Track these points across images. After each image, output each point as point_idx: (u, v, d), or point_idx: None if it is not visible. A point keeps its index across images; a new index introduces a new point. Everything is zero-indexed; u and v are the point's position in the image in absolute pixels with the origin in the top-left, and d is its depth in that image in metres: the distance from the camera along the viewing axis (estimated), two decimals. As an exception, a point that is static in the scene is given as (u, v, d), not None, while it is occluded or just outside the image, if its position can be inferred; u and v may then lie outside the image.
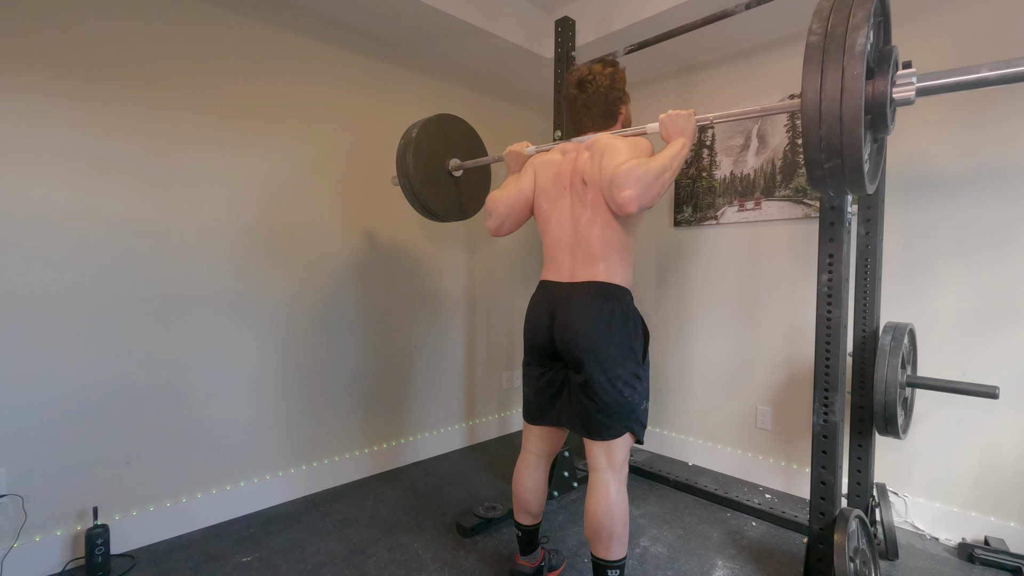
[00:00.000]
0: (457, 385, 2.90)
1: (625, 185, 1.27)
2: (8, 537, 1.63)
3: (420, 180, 1.93)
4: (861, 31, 0.91)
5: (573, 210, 1.47)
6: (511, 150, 1.71)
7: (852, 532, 1.40)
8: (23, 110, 1.62)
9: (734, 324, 2.54)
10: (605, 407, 1.37)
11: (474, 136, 2.13)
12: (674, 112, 1.40)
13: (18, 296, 1.62)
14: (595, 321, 1.37)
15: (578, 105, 1.54)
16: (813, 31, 0.96)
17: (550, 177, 1.53)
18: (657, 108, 2.86)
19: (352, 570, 1.73)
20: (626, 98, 1.57)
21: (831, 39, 0.94)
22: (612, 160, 1.35)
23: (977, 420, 1.89)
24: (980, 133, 1.87)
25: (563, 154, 1.53)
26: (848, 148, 0.94)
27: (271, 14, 2.12)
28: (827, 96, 0.93)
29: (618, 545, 1.39)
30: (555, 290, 1.47)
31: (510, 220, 1.59)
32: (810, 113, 0.96)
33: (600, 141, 1.43)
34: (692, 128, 1.38)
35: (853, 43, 0.91)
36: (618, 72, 1.53)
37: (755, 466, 2.48)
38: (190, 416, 1.96)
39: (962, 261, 1.91)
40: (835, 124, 0.94)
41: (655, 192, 1.28)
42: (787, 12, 2.20)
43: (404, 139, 1.95)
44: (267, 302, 2.14)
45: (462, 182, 2.09)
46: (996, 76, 0.88)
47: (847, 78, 0.91)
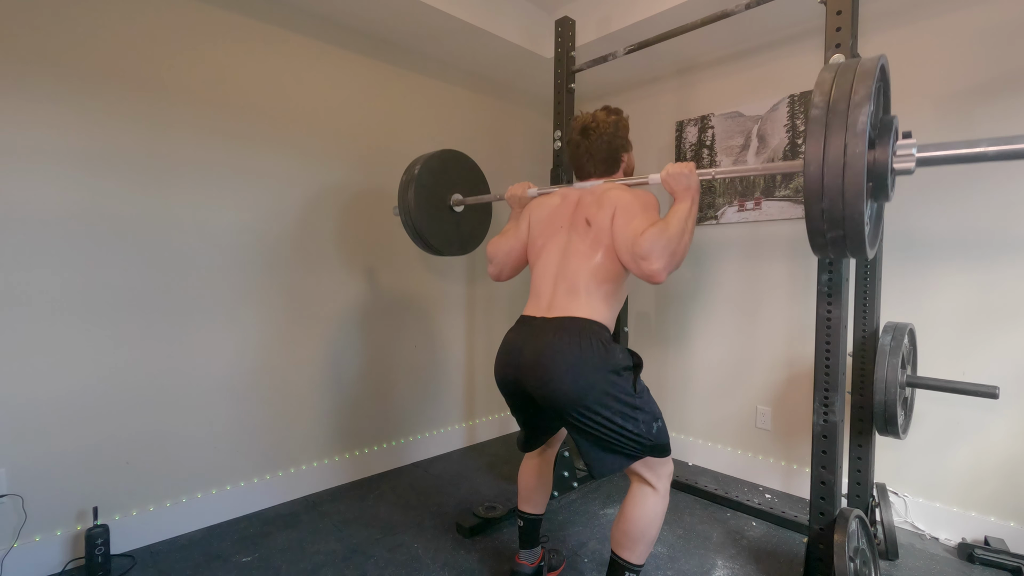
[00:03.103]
0: (457, 385, 2.90)
1: (651, 257, 1.26)
2: (8, 537, 1.63)
3: (421, 216, 1.94)
4: (863, 109, 0.92)
5: (568, 245, 1.44)
6: (512, 193, 1.72)
7: (852, 532, 1.40)
8: (23, 110, 1.62)
9: (734, 324, 2.54)
10: (607, 448, 1.34)
11: (476, 171, 2.15)
12: (675, 170, 1.39)
13: (18, 296, 1.62)
14: (572, 370, 1.27)
15: (581, 151, 1.54)
16: (815, 104, 0.98)
17: (544, 217, 1.54)
18: (657, 108, 2.86)
19: (352, 570, 1.73)
20: (629, 146, 1.58)
21: (833, 114, 0.95)
22: (627, 222, 1.34)
23: (977, 420, 1.89)
24: (979, 133, 1.87)
25: (563, 198, 1.54)
26: (850, 220, 0.96)
27: (271, 14, 2.12)
28: (829, 171, 0.95)
29: (643, 550, 1.40)
30: (529, 328, 1.40)
31: (508, 267, 1.62)
32: (812, 186, 0.98)
33: (608, 193, 1.42)
34: (696, 183, 1.38)
35: (855, 121, 0.92)
36: (621, 120, 1.55)
37: (755, 466, 2.48)
38: (190, 416, 1.96)
39: (962, 261, 1.91)
40: (837, 198, 0.96)
41: (680, 257, 1.29)
42: (787, 12, 2.20)
43: (406, 175, 1.96)
44: (267, 302, 2.14)
45: (463, 217, 2.10)
46: (995, 152, 0.90)
47: (849, 155, 0.93)
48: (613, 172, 1.56)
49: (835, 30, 1.37)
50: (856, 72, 0.97)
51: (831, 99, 0.96)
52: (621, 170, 1.58)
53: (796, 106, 2.31)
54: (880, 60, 1.00)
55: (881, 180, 0.99)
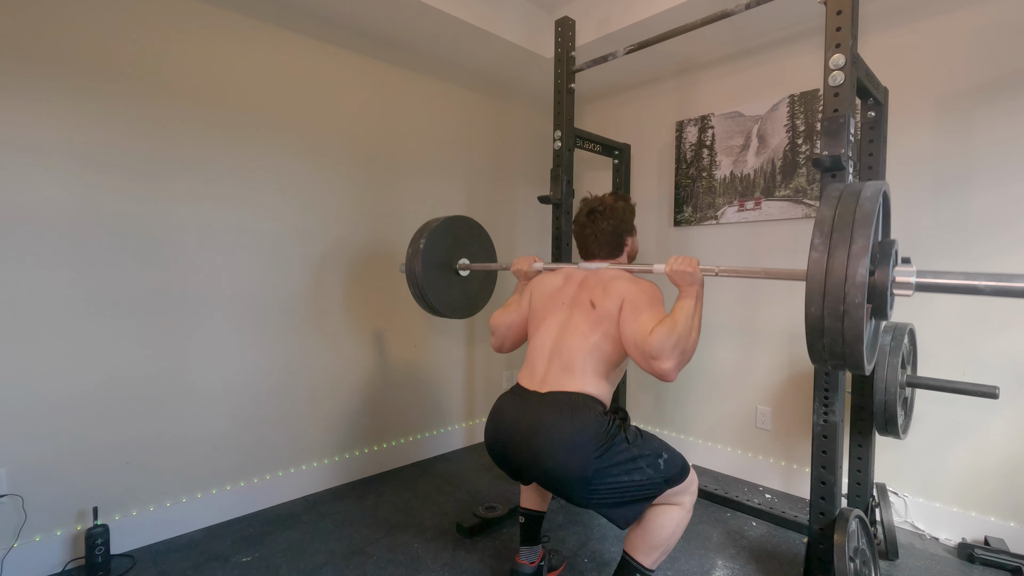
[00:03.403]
0: (457, 385, 2.90)
1: (662, 357, 1.27)
2: (8, 537, 1.63)
3: (427, 283, 1.97)
4: (862, 261, 0.94)
5: (568, 323, 1.45)
6: (519, 267, 1.76)
7: (852, 532, 1.40)
8: (23, 110, 1.62)
9: (734, 324, 2.54)
10: (618, 503, 1.33)
11: (485, 238, 2.19)
12: (679, 266, 1.40)
13: (18, 295, 1.62)
14: (566, 453, 1.27)
15: (587, 232, 1.59)
16: (815, 246, 1.01)
17: (545, 295, 1.56)
18: (657, 108, 2.86)
19: (352, 570, 1.73)
20: (633, 231, 1.64)
21: (832, 259, 0.98)
22: (635, 316, 1.35)
23: (977, 420, 1.89)
24: (979, 132, 1.87)
25: (566, 279, 1.56)
26: (850, 355, 1.01)
27: (271, 13, 2.12)
28: (829, 314, 0.99)
29: (659, 556, 1.41)
30: (523, 402, 1.40)
31: (509, 341, 1.66)
32: (814, 324, 1.02)
33: (615, 282, 1.43)
34: (700, 277, 1.41)
35: (855, 272, 0.95)
36: (628, 207, 1.62)
37: (755, 466, 2.48)
38: (190, 416, 1.96)
39: (962, 261, 1.91)
40: (838, 337, 0.99)
41: (689, 355, 1.31)
42: (787, 12, 2.20)
43: (412, 248, 1.98)
44: (268, 302, 2.14)
45: (468, 280, 2.14)
46: (990, 288, 0.93)
47: (848, 303, 0.96)
48: (617, 255, 1.61)
49: (835, 30, 1.37)
50: (856, 214, 0.98)
51: (831, 243, 0.99)
52: (625, 254, 1.63)
53: (796, 106, 2.31)
54: (880, 194, 1.01)
55: (880, 303, 1.03)
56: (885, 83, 1.79)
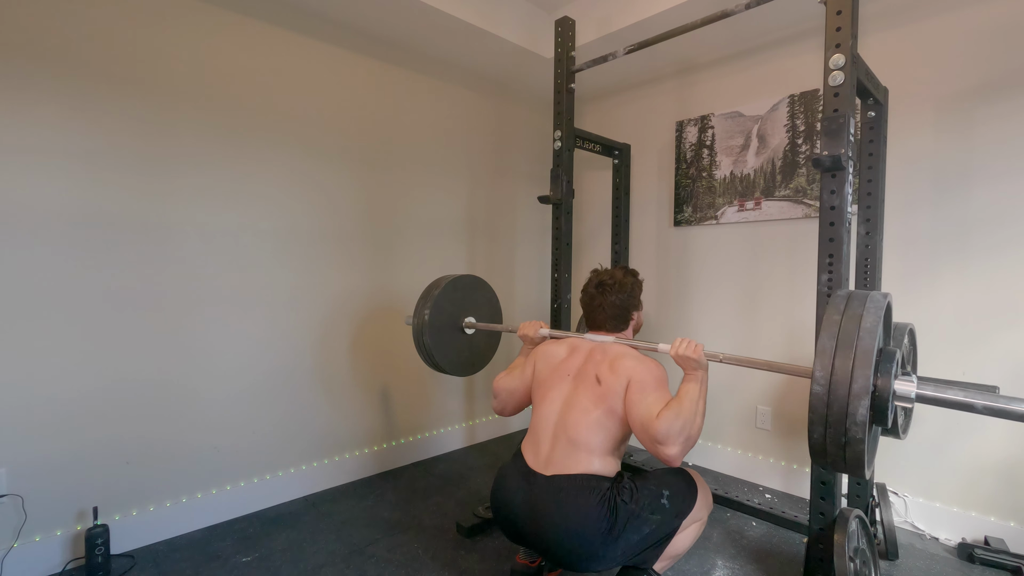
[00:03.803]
0: (457, 385, 2.90)
1: (668, 442, 1.28)
2: (8, 537, 1.63)
3: (432, 336, 1.99)
4: (862, 401, 0.96)
5: (570, 397, 1.46)
6: (524, 332, 1.79)
7: (852, 532, 1.40)
8: (23, 110, 1.62)
9: (734, 324, 2.54)
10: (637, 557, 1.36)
11: (493, 298, 2.23)
12: (684, 351, 1.41)
13: (18, 295, 1.62)
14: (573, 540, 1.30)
15: (595, 304, 1.64)
16: (816, 379, 1.02)
17: (550, 367, 1.58)
18: (657, 108, 2.86)
19: (352, 570, 1.73)
20: (640, 305, 1.71)
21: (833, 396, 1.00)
22: (642, 398, 1.36)
23: (977, 420, 1.89)
24: (979, 132, 1.87)
25: (572, 350, 1.57)
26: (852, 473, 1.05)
27: (271, 13, 2.12)
28: (832, 442, 1.02)
29: (666, 564, 1.43)
30: (530, 485, 1.40)
31: (511, 406, 1.68)
32: (817, 450, 1.06)
33: (622, 360, 1.45)
34: (705, 363, 1.43)
35: (855, 410, 0.97)
36: (637, 282, 1.68)
37: (755, 466, 2.48)
38: (190, 416, 1.96)
39: (962, 260, 1.91)
40: (839, 461, 1.04)
41: (694, 440, 1.32)
42: (787, 12, 2.20)
43: (417, 318, 2.00)
44: (267, 302, 2.14)
45: (473, 337, 2.16)
46: (983, 407, 0.96)
47: (850, 436, 0.99)
48: (622, 328, 1.65)
49: (835, 30, 1.37)
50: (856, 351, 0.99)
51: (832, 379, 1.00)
52: (630, 328, 1.69)
53: (796, 106, 2.31)
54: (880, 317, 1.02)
55: (882, 411, 1.04)
56: (885, 83, 1.79)
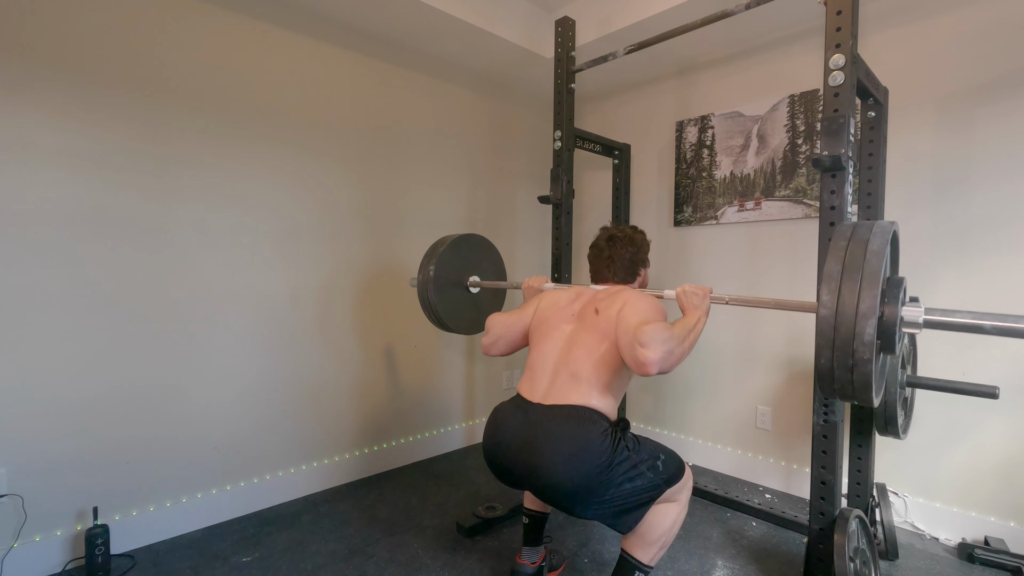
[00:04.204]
0: (457, 385, 2.90)
1: (649, 345, 1.24)
2: (8, 537, 1.63)
3: (438, 301, 2.00)
4: (870, 321, 0.95)
5: (573, 335, 1.45)
6: (529, 284, 1.80)
7: (852, 532, 1.40)
8: (23, 110, 1.61)
9: (734, 324, 2.54)
10: (622, 510, 1.34)
11: (496, 257, 2.23)
12: (691, 288, 1.45)
13: (18, 296, 1.62)
14: (566, 464, 1.26)
15: (603, 256, 1.62)
16: (823, 303, 1.01)
17: (554, 307, 1.56)
18: (658, 108, 2.86)
19: (352, 570, 1.73)
20: (648, 263, 1.68)
21: (840, 316, 0.99)
22: (634, 314, 1.35)
23: (977, 420, 1.89)
24: (978, 131, 1.87)
25: (576, 295, 1.57)
26: (860, 397, 1.04)
27: (270, 13, 2.12)
28: (839, 365, 1.01)
29: (657, 553, 1.41)
30: (525, 414, 1.39)
31: (503, 342, 1.61)
32: (824, 376, 1.04)
33: (622, 292, 1.46)
34: (707, 306, 1.42)
35: (863, 330, 0.96)
36: (646, 240, 1.68)
37: (755, 466, 2.48)
38: (190, 416, 1.96)
39: (962, 260, 1.91)
40: (847, 386, 1.03)
41: (676, 358, 1.28)
42: (787, 12, 2.20)
43: (422, 274, 2.01)
44: (268, 302, 2.14)
45: (478, 297, 2.17)
46: (993, 328, 0.95)
47: (857, 358, 0.98)
48: (629, 283, 1.63)
49: (835, 30, 1.37)
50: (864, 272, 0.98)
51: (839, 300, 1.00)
52: (637, 283, 1.65)
53: (796, 106, 2.31)
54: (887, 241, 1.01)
55: (889, 340, 1.03)
56: (885, 83, 1.79)
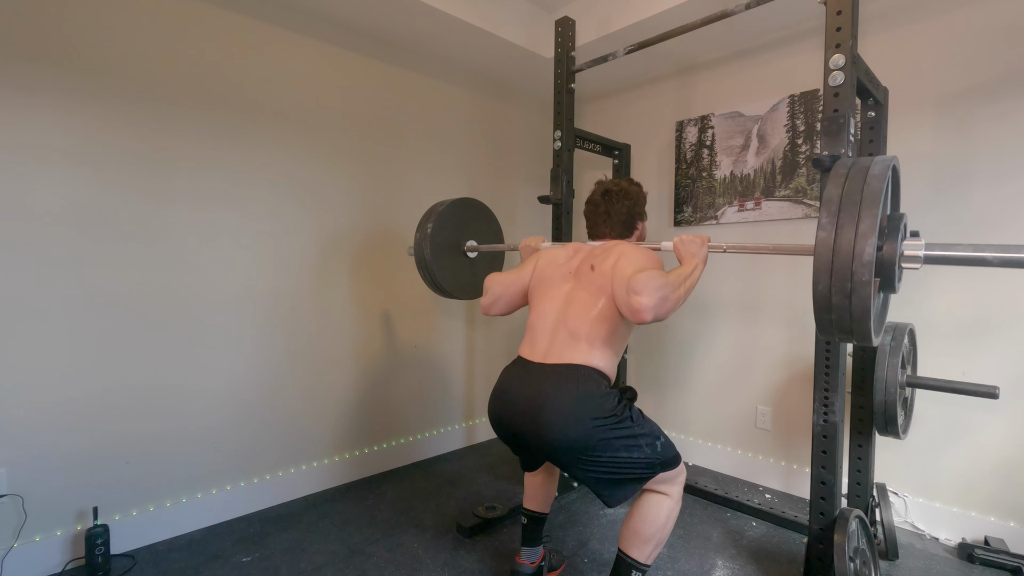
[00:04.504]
0: (457, 385, 2.90)
1: (643, 292, 1.25)
2: (8, 537, 1.63)
3: (436, 264, 1.99)
4: (869, 240, 0.94)
5: (571, 293, 1.45)
6: (526, 244, 1.78)
7: (852, 532, 1.40)
8: (23, 110, 1.62)
9: (734, 324, 2.54)
10: (616, 483, 1.35)
11: (492, 220, 2.21)
12: (688, 237, 1.45)
13: (18, 296, 1.62)
14: (569, 420, 1.28)
15: (599, 211, 1.59)
16: (822, 226, 1.00)
17: (553, 265, 1.55)
18: (658, 108, 2.86)
19: (352, 570, 1.73)
20: (645, 216, 1.65)
21: (839, 238, 0.98)
22: (628, 265, 1.35)
23: (977, 420, 1.89)
24: (979, 132, 1.87)
25: (574, 252, 1.56)
26: (858, 331, 1.01)
27: (270, 13, 2.12)
28: (837, 292, 0.99)
29: (652, 550, 1.40)
30: (526, 373, 1.40)
31: (502, 301, 1.61)
32: (822, 304, 1.02)
33: (618, 246, 1.46)
34: (704, 254, 1.42)
35: (861, 251, 0.95)
36: (642, 193, 1.64)
37: (755, 466, 2.48)
38: (190, 416, 1.96)
39: (962, 261, 1.91)
40: (845, 315, 1.00)
41: (671, 305, 1.28)
42: (787, 12, 2.20)
43: (419, 232, 2.00)
44: (268, 302, 2.14)
45: (476, 262, 2.16)
46: (997, 259, 0.93)
47: (856, 281, 0.96)
48: (626, 237, 1.61)
49: (835, 30, 1.37)
50: (864, 193, 0.97)
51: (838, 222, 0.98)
52: (635, 237, 1.63)
53: (796, 106, 2.31)
54: (888, 170, 1.00)
55: (889, 277, 1.02)
56: (885, 83, 1.79)
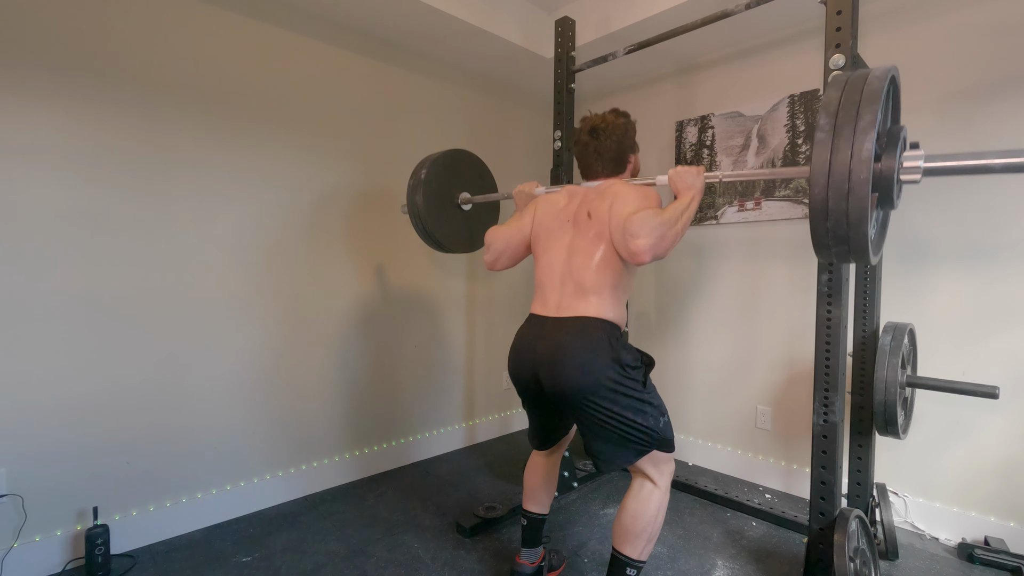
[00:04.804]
0: (457, 385, 2.90)
1: (639, 234, 1.27)
2: (8, 537, 1.63)
3: (430, 215, 1.96)
4: (868, 135, 0.92)
5: (572, 242, 1.46)
6: (520, 189, 1.76)
7: (852, 532, 1.40)
8: (23, 110, 1.61)
9: (734, 324, 2.54)
10: (619, 443, 1.36)
11: (483, 169, 2.17)
12: (683, 168, 1.43)
13: (18, 296, 1.62)
14: (584, 366, 1.31)
15: (589, 151, 1.56)
16: (820, 127, 0.97)
17: (551, 212, 1.54)
18: (658, 108, 2.86)
19: (352, 570, 1.73)
20: (636, 148, 1.62)
21: (838, 137, 0.95)
22: (624, 207, 1.36)
23: (977, 420, 1.89)
24: (979, 132, 1.87)
25: (569, 196, 1.55)
26: (855, 239, 0.98)
27: (270, 14, 2.12)
28: (834, 194, 0.95)
29: (645, 546, 1.40)
30: (540, 328, 1.43)
31: (506, 256, 1.61)
32: (818, 206, 0.99)
33: (611, 187, 1.45)
34: (700, 184, 1.41)
35: (860, 147, 0.92)
36: (630, 123, 1.59)
37: (755, 466, 2.48)
38: (190, 416, 1.96)
39: (962, 260, 1.91)
40: (842, 219, 0.96)
41: (668, 243, 1.29)
42: (787, 12, 2.20)
43: (413, 179, 1.98)
44: (267, 301, 2.14)
45: (471, 215, 2.13)
46: (1001, 165, 0.90)
47: (854, 180, 0.93)
48: (620, 173, 1.58)
49: (835, 30, 1.37)
50: (863, 92, 0.95)
51: (836, 122, 0.95)
52: (628, 171, 1.60)
53: (796, 106, 2.31)
54: (889, 75, 0.98)
55: (887, 190, 0.99)
56: (885, 83, 1.79)
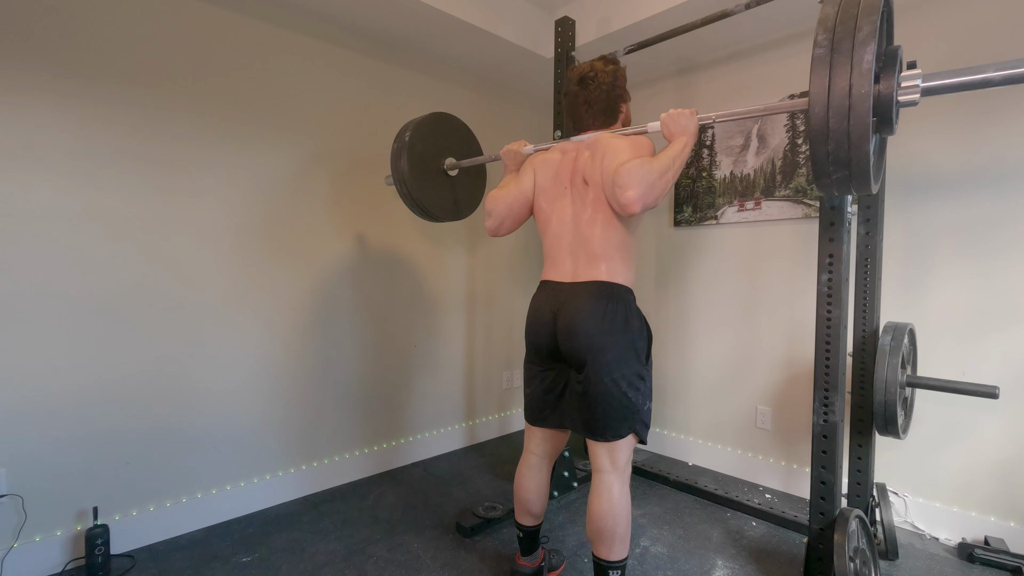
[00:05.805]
0: (457, 385, 2.90)
1: (628, 185, 1.27)
2: (8, 537, 1.63)
3: (415, 181, 1.91)
4: (868, 47, 0.89)
5: (574, 210, 1.46)
6: (508, 149, 1.70)
7: (852, 532, 1.41)
8: (23, 110, 1.62)
9: (734, 324, 2.54)
10: (608, 408, 1.37)
11: (468, 133, 2.11)
12: (676, 111, 1.39)
13: (18, 295, 1.62)
14: (599, 322, 1.36)
15: (579, 102, 1.53)
16: (819, 43, 0.95)
17: (550, 176, 1.52)
18: (658, 108, 2.86)
19: (352, 570, 1.73)
20: (627, 96, 1.57)
21: (837, 53, 0.92)
22: (614, 160, 1.35)
23: (977, 420, 1.89)
24: (979, 132, 1.87)
25: (563, 153, 1.52)
26: (856, 162, 0.95)
27: (270, 13, 2.12)
28: (834, 113, 0.93)
29: (619, 546, 1.39)
30: (557, 290, 1.46)
31: (509, 220, 1.58)
32: (818, 128, 0.96)
33: (601, 141, 1.43)
34: (694, 127, 1.38)
35: (860, 60, 0.89)
36: (619, 70, 1.53)
37: (755, 466, 2.48)
38: (190, 416, 1.96)
39: (962, 260, 1.91)
40: (843, 140, 0.94)
41: (658, 192, 1.28)
42: (787, 12, 2.20)
43: (397, 143, 1.93)
44: (267, 301, 2.14)
45: (457, 181, 2.07)
46: (1001, 77, 0.88)
47: (854, 96, 0.90)
48: (611, 123, 1.55)
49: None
50: (860, 6, 0.93)
51: (834, 38, 0.93)
52: (620, 121, 1.57)
53: (796, 106, 2.31)
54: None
55: (886, 114, 0.97)
56: (885, 83, 1.79)
